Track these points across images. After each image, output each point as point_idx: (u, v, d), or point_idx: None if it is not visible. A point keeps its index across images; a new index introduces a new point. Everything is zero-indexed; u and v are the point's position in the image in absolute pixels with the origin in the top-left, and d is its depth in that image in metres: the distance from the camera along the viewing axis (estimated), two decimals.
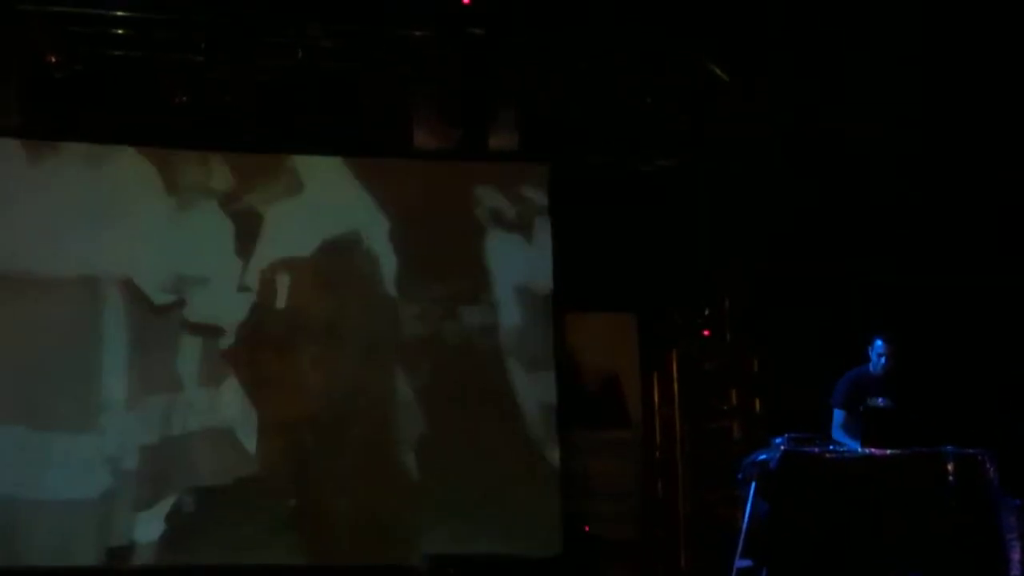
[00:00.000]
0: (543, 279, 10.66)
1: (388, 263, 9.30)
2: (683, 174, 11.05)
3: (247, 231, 8.48)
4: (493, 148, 10.79)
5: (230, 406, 7.54)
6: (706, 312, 11.18)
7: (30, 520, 7.12)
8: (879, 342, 8.33)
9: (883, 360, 8.26)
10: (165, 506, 7.44)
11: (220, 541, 7.93)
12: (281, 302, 8.50)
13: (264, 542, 8.33)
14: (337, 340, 9.02)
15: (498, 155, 10.80)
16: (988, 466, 7.67)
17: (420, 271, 9.54)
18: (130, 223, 7.87)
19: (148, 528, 7.38)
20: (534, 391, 10.53)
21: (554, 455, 10.44)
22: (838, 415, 8.31)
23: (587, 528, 10.58)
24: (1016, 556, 7.52)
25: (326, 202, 9.40)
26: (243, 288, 8.36)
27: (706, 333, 11.19)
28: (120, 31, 10.07)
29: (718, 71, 10.64)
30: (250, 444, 7.51)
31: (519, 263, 10.66)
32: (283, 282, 8.48)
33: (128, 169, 8.55)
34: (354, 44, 10.32)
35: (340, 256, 8.83)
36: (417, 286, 9.50)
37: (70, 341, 7.47)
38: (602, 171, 11.00)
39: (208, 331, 7.69)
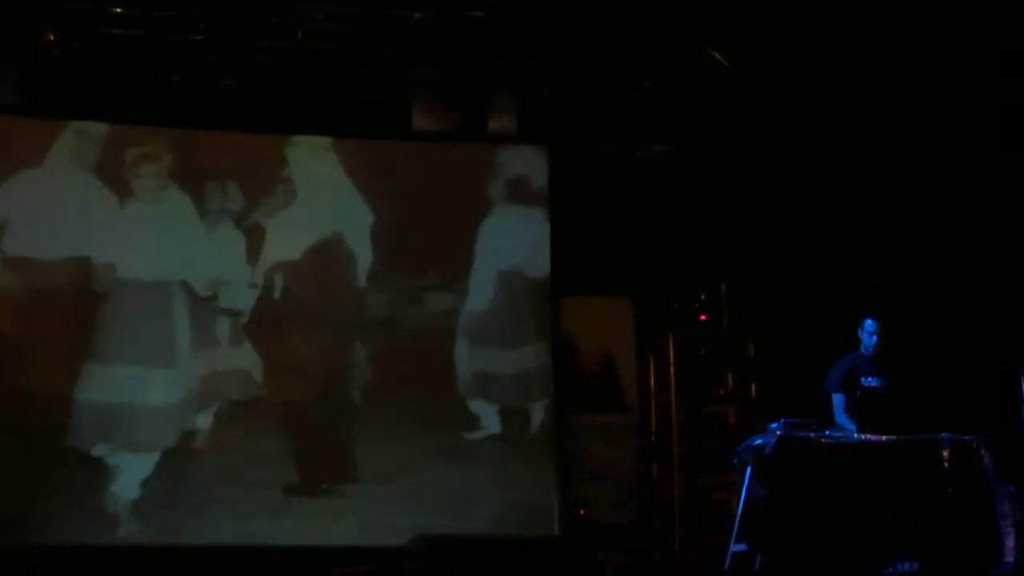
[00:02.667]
0: (541, 263, 10.66)
1: (364, 258, 10.76)
2: (681, 160, 11.04)
3: (254, 243, 10.48)
4: (492, 132, 10.78)
5: (247, 357, 10.35)
6: (702, 297, 11.20)
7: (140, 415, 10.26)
8: (869, 321, 8.41)
9: (874, 339, 8.32)
10: (211, 412, 10.31)
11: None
12: (277, 294, 10.49)
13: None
14: (318, 322, 10.67)
15: (497, 139, 10.79)
16: (983, 453, 7.69)
17: (396, 263, 10.75)
18: (175, 241, 10.51)
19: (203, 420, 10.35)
20: (529, 374, 10.54)
21: (550, 439, 10.45)
22: (837, 399, 8.35)
23: (582, 512, 10.59)
24: (1010, 543, 7.53)
25: (315, 209, 10.79)
26: (252, 285, 10.44)
27: (703, 318, 11.21)
28: (118, 9, 10.05)
29: (718, 56, 10.63)
30: (259, 379, 10.39)
31: (517, 246, 10.67)
32: (279, 279, 10.49)
33: (168, 201, 10.62)
34: (354, 26, 10.32)
35: (324, 254, 10.81)
36: (390, 277, 10.75)
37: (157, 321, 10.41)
38: (600, 156, 11.00)
39: (233, 313, 10.41)
